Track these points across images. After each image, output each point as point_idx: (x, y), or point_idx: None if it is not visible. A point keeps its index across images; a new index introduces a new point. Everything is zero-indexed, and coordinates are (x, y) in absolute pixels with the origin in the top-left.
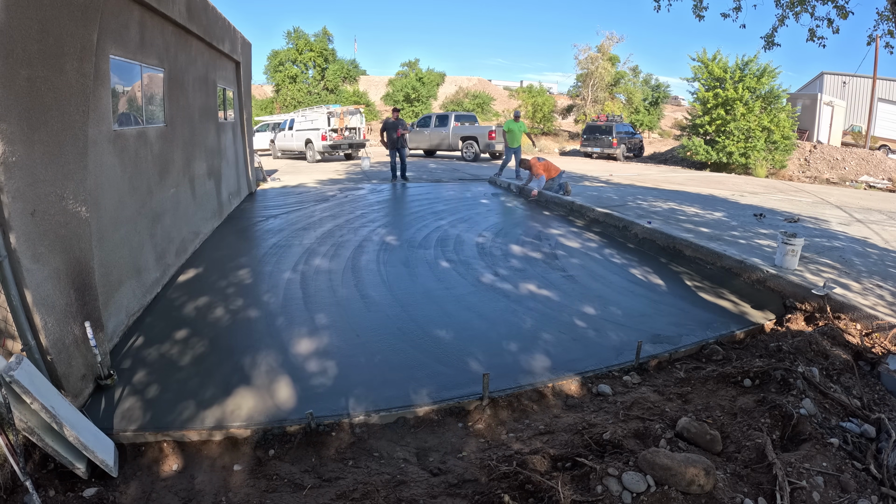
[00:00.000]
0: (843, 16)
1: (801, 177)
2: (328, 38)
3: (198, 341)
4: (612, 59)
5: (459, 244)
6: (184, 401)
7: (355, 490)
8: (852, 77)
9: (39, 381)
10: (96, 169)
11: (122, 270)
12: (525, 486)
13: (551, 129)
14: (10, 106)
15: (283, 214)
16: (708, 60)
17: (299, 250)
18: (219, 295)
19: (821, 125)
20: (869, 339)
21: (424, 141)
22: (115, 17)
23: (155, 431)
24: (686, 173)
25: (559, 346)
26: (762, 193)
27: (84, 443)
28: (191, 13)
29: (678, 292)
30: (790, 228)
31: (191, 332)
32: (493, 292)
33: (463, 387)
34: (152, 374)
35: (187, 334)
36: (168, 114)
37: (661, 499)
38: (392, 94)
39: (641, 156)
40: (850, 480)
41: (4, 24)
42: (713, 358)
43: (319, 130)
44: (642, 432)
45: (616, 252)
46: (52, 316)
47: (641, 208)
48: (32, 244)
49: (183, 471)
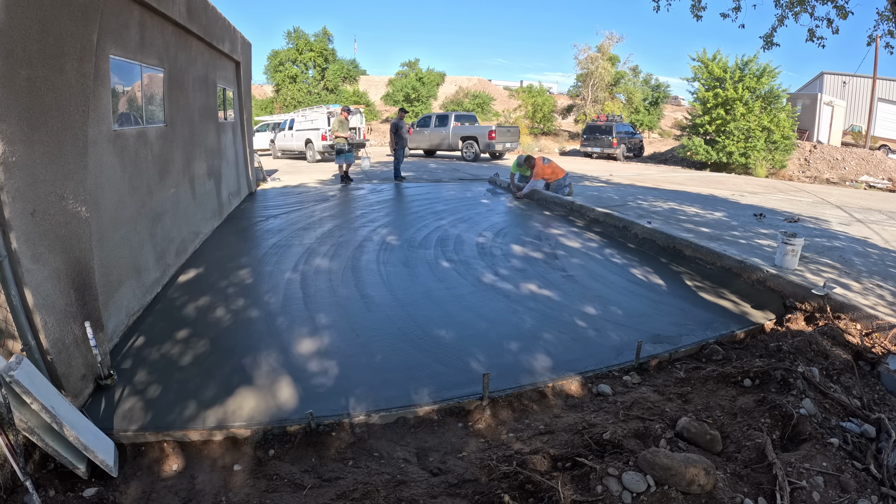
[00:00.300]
0: (842, 16)
1: (801, 177)
2: (328, 38)
3: (198, 341)
4: (612, 59)
5: (459, 244)
6: (184, 401)
7: (355, 490)
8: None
9: (39, 381)
10: (96, 169)
11: (122, 270)
12: (525, 486)
13: (551, 129)
14: (10, 106)
15: (283, 214)
16: (708, 60)
17: (299, 250)
18: (219, 295)
19: (821, 125)
20: (869, 339)
21: (424, 141)
22: (115, 17)
23: (155, 431)
24: (686, 173)
25: (559, 345)
26: (762, 193)
27: (84, 443)
28: (191, 13)
29: (678, 292)
30: (790, 228)
31: (191, 331)
32: (494, 292)
33: (463, 387)
34: (152, 374)
35: (187, 334)
36: (168, 114)
37: (661, 499)
38: (392, 94)
39: (641, 156)
40: (850, 480)
41: (4, 24)
42: (713, 358)
43: (319, 130)
44: (642, 432)
45: (616, 252)
46: (52, 316)
47: (642, 208)
48: (32, 244)
49: (183, 471)
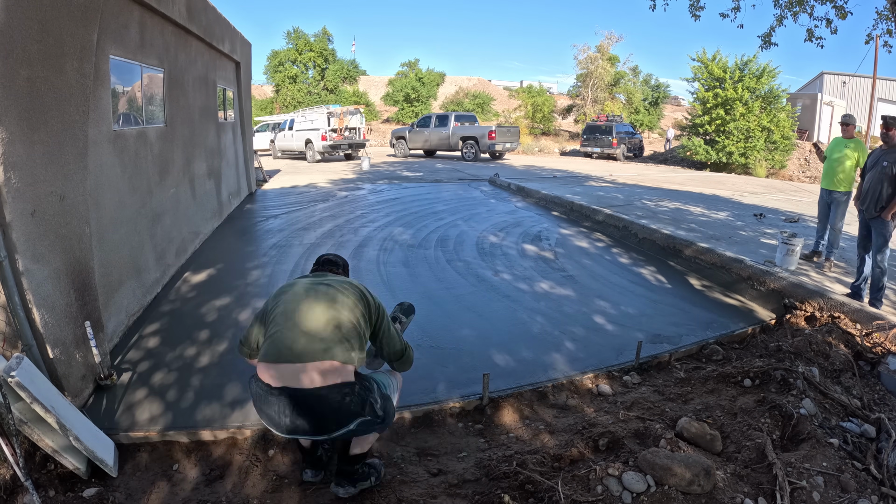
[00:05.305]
0: (841, 16)
1: (801, 177)
2: (328, 38)
3: (198, 341)
4: (612, 59)
5: (459, 244)
6: (184, 401)
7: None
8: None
9: (40, 381)
10: (96, 169)
11: (122, 270)
12: (525, 486)
13: (551, 130)
14: (10, 106)
15: (283, 214)
16: (707, 60)
17: (300, 250)
18: (219, 295)
19: (821, 125)
20: (869, 339)
21: (425, 141)
22: (115, 17)
23: (155, 431)
24: (686, 173)
25: (559, 345)
26: (762, 193)
27: (84, 443)
28: (191, 13)
29: (678, 292)
30: (790, 228)
31: (191, 332)
32: (494, 292)
33: (463, 387)
34: (152, 374)
35: (187, 334)
36: (168, 114)
37: (661, 499)
38: (392, 95)
39: (641, 156)
40: (850, 480)
41: (4, 24)
42: (713, 358)
43: (319, 130)
44: (642, 432)
45: (616, 252)
46: (52, 316)
47: (648, 208)
48: (32, 244)
49: (183, 471)
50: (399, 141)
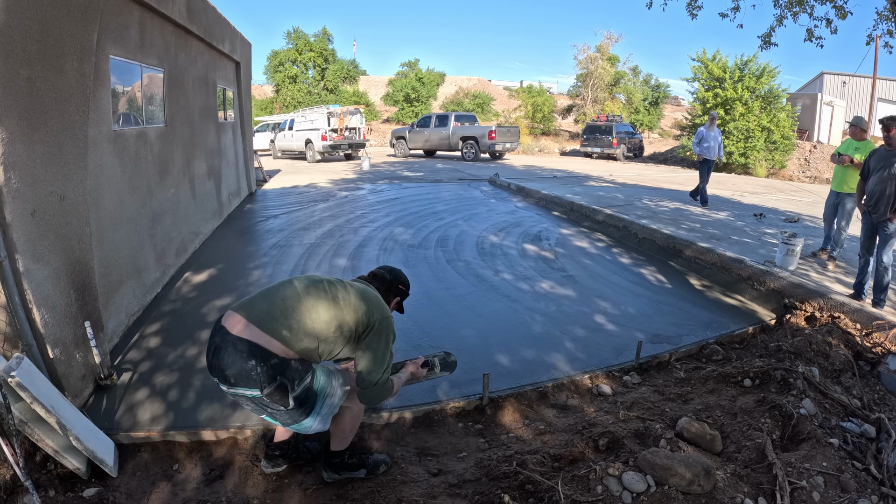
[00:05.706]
0: (841, 16)
1: (801, 177)
2: (328, 38)
3: (198, 341)
4: (612, 58)
5: (459, 244)
6: (184, 401)
7: (355, 490)
8: (852, 77)
9: (40, 382)
10: (96, 169)
11: (122, 270)
12: (525, 486)
13: (551, 129)
14: (10, 106)
15: (283, 214)
16: (707, 60)
17: (300, 250)
18: (219, 295)
19: (821, 125)
20: (869, 339)
21: (425, 141)
22: (115, 17)
23: (155, 431)
24: (686, 173)
25: (559, 345)
26: (762, 193)
27: (84, 443)
28: (191, 13)
29: (678, 292)
30: (791, 228)
31: (191, 332)
32: (493, 292)
33: (463, 387)
34: (152, 374)
35: (187, 334)
36: (168, 114)
37: (661, 499)
38: (392, 94)
39: (641, 156)
40: (851, 480)
41: (4, 24)
42: (713, 358)
43: (319, 130)
44: (642, 432)
45: (616, 252)
46: (52, 316)
47: (648, 208)
48: (32, 244)
49: (183, 471)
50: (399, 141)
